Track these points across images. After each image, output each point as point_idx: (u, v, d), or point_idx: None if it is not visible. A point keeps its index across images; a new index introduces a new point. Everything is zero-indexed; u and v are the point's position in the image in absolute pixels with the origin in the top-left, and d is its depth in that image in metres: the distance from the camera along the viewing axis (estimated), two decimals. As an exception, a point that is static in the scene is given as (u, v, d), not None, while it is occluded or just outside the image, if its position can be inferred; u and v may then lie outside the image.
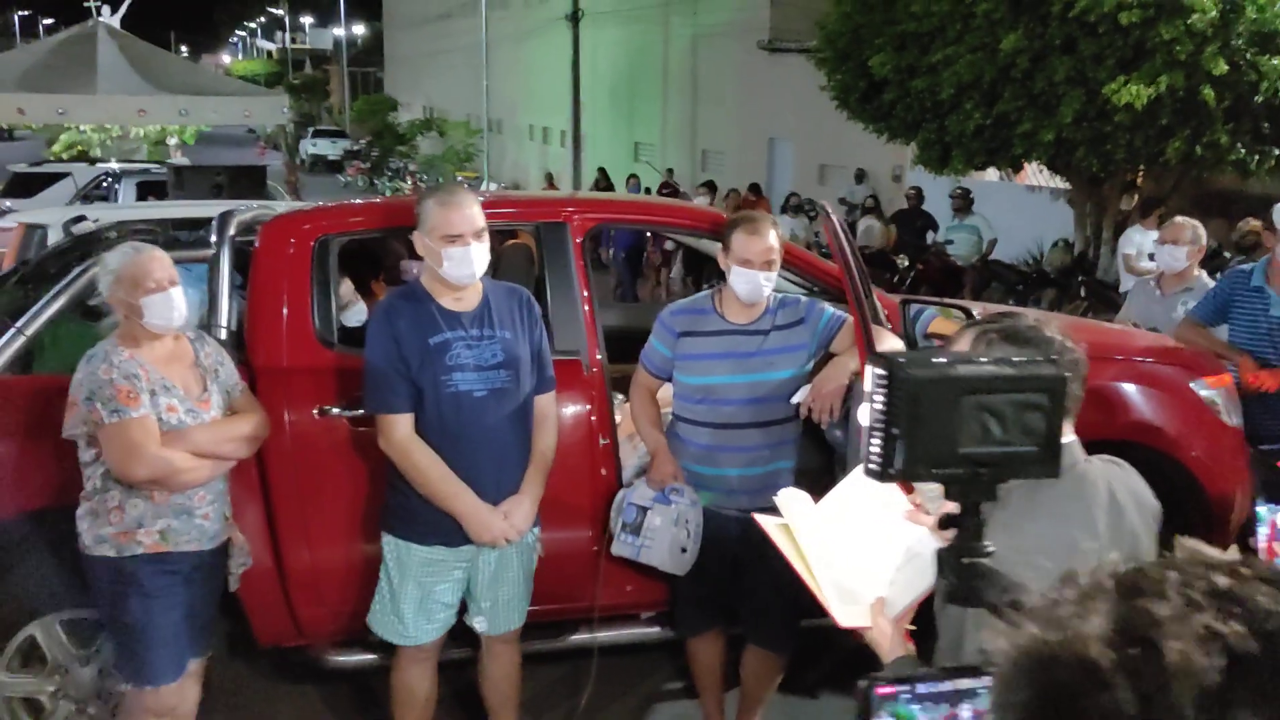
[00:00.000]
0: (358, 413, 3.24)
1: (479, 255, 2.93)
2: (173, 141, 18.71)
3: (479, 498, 2.97)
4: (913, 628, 1.81)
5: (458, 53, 33.59)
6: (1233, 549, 0.78)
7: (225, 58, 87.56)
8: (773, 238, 3.18)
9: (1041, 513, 1.50)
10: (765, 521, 1.95)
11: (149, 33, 15.46)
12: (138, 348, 2.81)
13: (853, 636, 1.83)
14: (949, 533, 1.34)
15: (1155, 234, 7.07)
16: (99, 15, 13.06)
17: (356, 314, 4.23)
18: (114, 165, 13.54)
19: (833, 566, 1.81)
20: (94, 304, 3.03)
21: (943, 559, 1.35)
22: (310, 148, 35.72)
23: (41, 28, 60.47)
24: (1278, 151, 8.62)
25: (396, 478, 3.02)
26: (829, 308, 3.35)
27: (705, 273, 10.96)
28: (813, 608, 2.91)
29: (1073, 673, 0.67)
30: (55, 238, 6.92)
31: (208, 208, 6.19)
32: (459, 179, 21.30)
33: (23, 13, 71.10)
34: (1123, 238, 8.55)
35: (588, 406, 3.52)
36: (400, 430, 2.94)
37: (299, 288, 3.44)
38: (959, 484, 1.27)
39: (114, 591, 2.83)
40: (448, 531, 2.99)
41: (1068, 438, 1.61)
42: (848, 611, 1.75)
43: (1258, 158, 8.63)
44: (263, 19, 76.30)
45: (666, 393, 3.44)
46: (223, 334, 3.38)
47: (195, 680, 3.04)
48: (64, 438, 2.82)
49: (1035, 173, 12.20)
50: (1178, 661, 0.64)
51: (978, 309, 3.71)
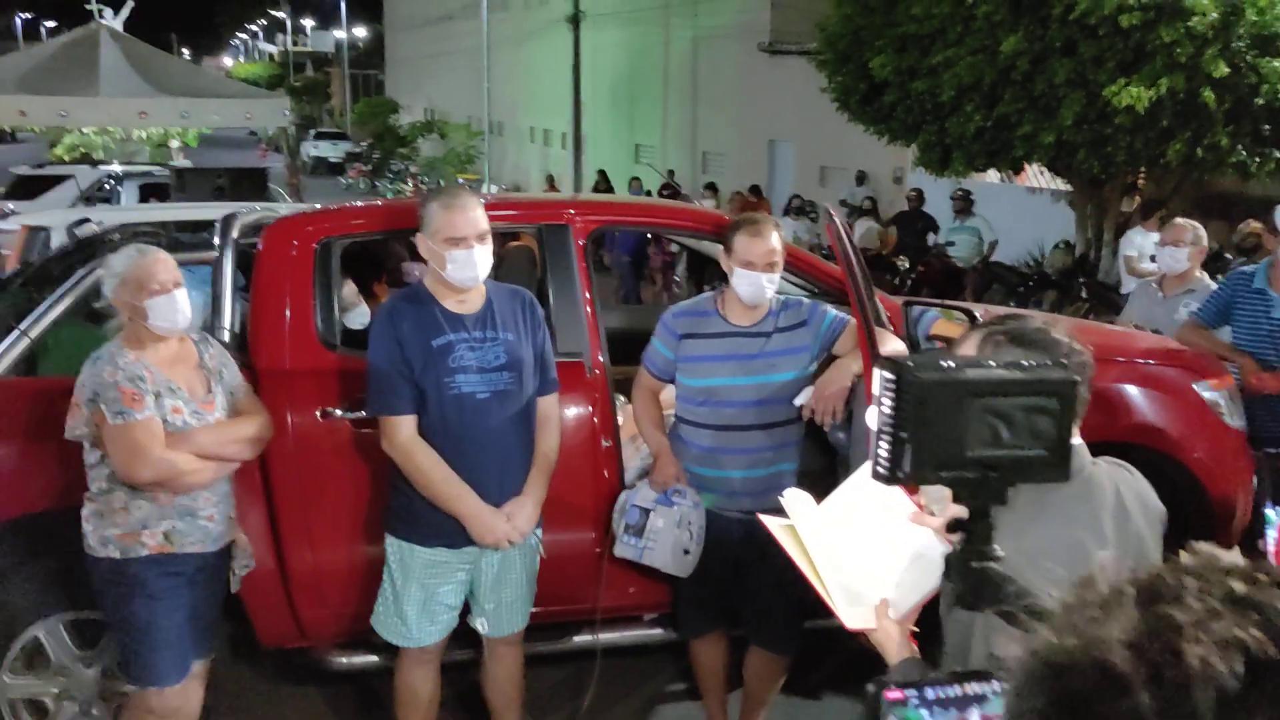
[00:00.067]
0: (360, 415, 3.24)
1: (482, 258, 2.93)
2: (174, 144, 18.72)
3: (482, 499, 2.97)
4: (916, 629, 1.81)
5: (459, 55, 33.58)
6: (1235, 551, 0.78)
7: (226, 60, 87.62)
8: (775, 239, 3.18)
9: (1049, 516, 1.50)
10: (770, 522, 1.95)
11: (150, 35, 15.48)
12: (142, 350, 2.81)
13: (857, 638, 1.83)
14: (954, 535, 1.33)
15: (1156, 236, 7.07)
16: (101, 18, 13.07)
17: (359, 316, 4.24)
18: (116, 167, 13.55)
19: (839, 568, 1.81)
20: (99, 307, 3.03)
21: (951, 563, 1.34)
22: (311, 150, 35.68)
23: (44, 30, 60.45)
24: (1278, 154, 8.61)
25: (399, 479, 3.02)
26: (831, 310, 3.35)
27: (707, 274, 10.94)
28: (815, 609, 2.91)
29: (1091, 679, 0.66)
30: (58, 240, 6.93)
31: (210, 210, 6.20)
32: (460, 181, 21.29)
33: (25, 15, 71.23)
34: (1124, 240, 8.56)
35: (590, 408, 3.52)
36: (403, 432, 2.95)
37: (302, 290, 3.44)
38: (968, 487, 1.26)
39: (118, 593, 2.83)
40: (451, 533, 2.99)
41: (1074, 440, 1.61)
42: (854, 613, 1.75)
43: (1258, 160, 8.62)
44: (264, 21, 76.36)
45: (669, 394, 3.44)
46: (226, 336, 3.38)
47: (199, 682, 3.04)
48: (67, 439, 2.83)
49: (1036, 174, 12.19)
50: (1198, 668, 0.63)
51: (980, 311, 3.71)
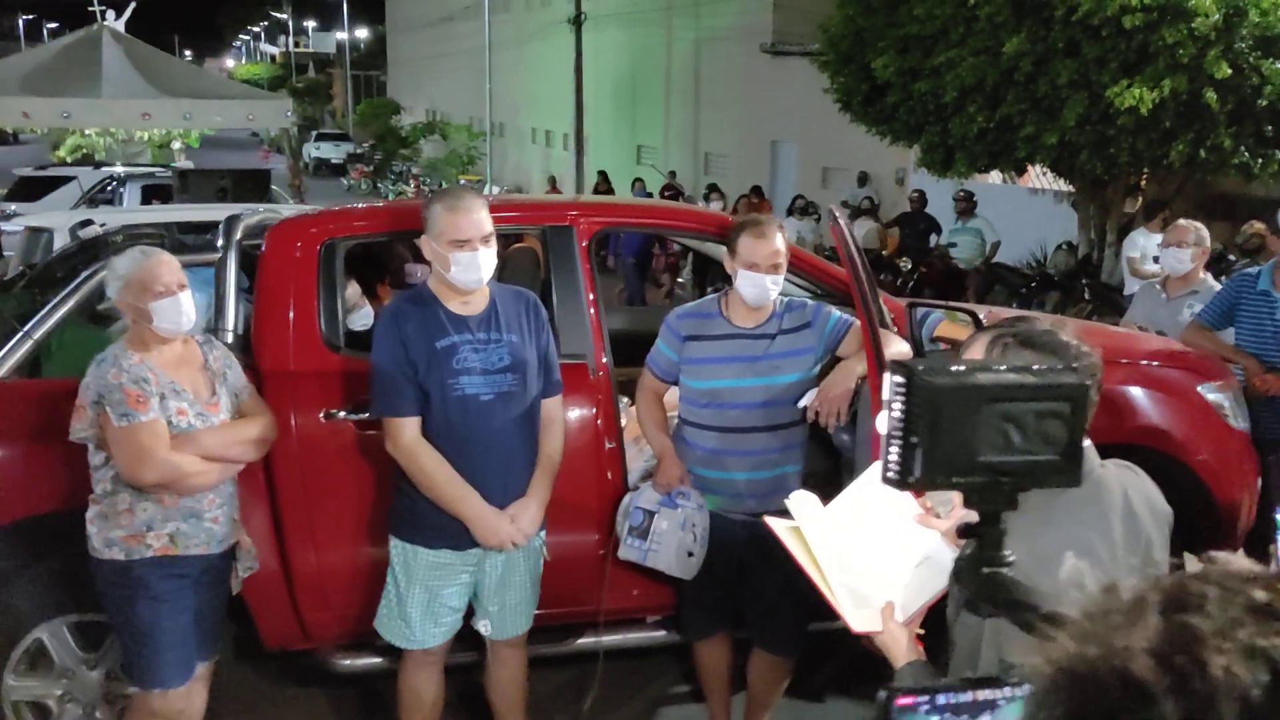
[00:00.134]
0: (364, 416, 3.24)
1: (486, 260, 2.93)
2: (177, 145, 18.72)
3: (486, 501, 2.96)
4: (922, 632, 1.80)
5: (460, 56, 33.60)
6: (1239, 554, 0.77)
7: (228, 61, 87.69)
8: (779, 241, 3.18)
9: (1058, 519, 1.49)
10: (776, 525, 1.95)
11: (153, 37, 15.48)
12: (147, 352, 2.81)
13: (861, 641, 1.83)
14: (965, 540, 1.32)
15: (1159, 237, 7.06)
16: (103, 19, 13.05)
17: (363, 317, 4.23)
18: (119, 169, 13.54)
19: (845, 570, 1.81)
20: (103, 310, 3.03)
21: (962, 568, 1.33)
22: (313, 151, 35.72)
23: (46, 31, 60.51)
24: (1281, 154, 8.62)
25: (403, 481, 3.02)
26: (835, 311, 3.34)
27: (710, 276, 10.92)
28: (820, 611, 2.90)
29: (1114, 689, 0.65)
30: (61, 241, 6.94)
31: (214, 211, 6.20)
32: (462, 182, 21.30)
33: (27, 16, 71.31)
34: (1126, 241, 8.55)
35: (594, 410, 3.52)
36: (407, 434, 2.94)
37: (305, 291, 3.44)
38: (979, 493, 1.25)
39: (122, 595, 2.83)
40: (455, 535, 2.99)
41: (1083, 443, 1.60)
42: (860, 616, 1.74)
43: (1261, 161, 8.63)
44: (266, 23, 76.37)
45: (673, 396, 3.44)
46: (229, 338, 3.38)
47: (203, 684, 3.04)
48: (71, 441, 2.83)
49: (1038, 175, 12.19)
50: (1223, 678, 0.62)
51: (984, 313, 3.71)
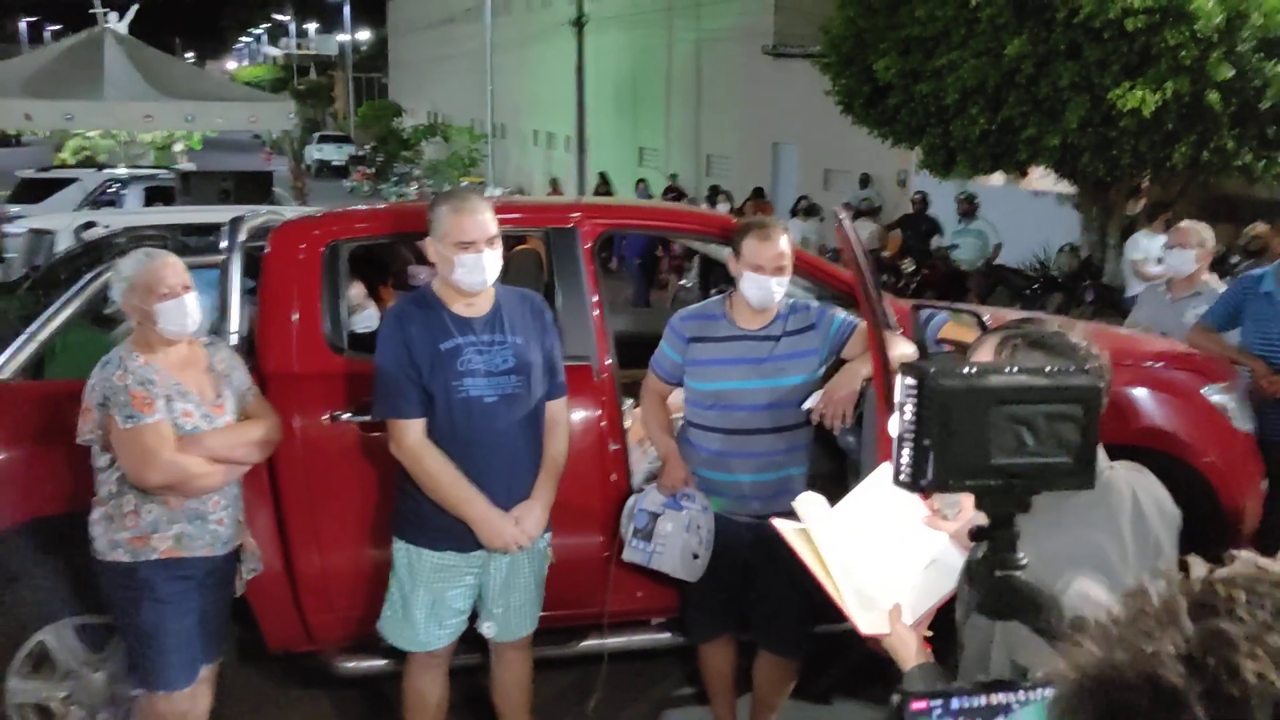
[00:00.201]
0: (368, 418, 3.24)
1: (491, 262, 2.93)
2: (178, 147, 18.74)
3: (490, 503, 2.96)
4: (929, 634, 1.80)
5: (462, 58, 33.61)
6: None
7: (230, 64, 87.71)
8: (784, 243, 3.18)
9: (1066, 521, 1.49)
10: (783, 527, 1.94)
11: (155, 38, 15.47)
12: (152, 354, 2.81)
13: (868, 643, 1.82)
14: (978, 543, 1.31)
15: (1162, 239, 7.05)
16: (105, 21, 13.04)
17: (366, 319, 4.23)
18: (121, 171, 13.55)
19: (853, 572, 1.80)
20: (110, 313, 3.03)
21: (975, 571, 1.33)
22: (315, 153, 35.73)
23: (48, 34, 60.57)
24: (1284, 156, 8.62)
25: (407, 483, 3.01)
26: (840, 313, 3.34)
27: (714, 278, 10.90)
28: (825, 613, 2.89)
29: (1143, 695, 0.64)
30: (64, 243, 6.95)
31: (217, 213, 6.20)
32: (464, 184, 21.31)
33: (29, 19, 71.37)
34: (1129, 243, 8.54)
35: (598, 412, 3.52)
36: (411, 435, 2.94)
37: (309, 293, 3.44)
38: (992, 496, 1.25)
39: (127, 597, 2.83)
40: (459, 537, 2.99)
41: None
42: (868, 618, 1.74)
43: (1264, 163, 8.63)
44: (268, 25, 76.45)
45: (678, 398, 3.43)
46: (233, 339, 3.38)
47: (207, 686, 3.04)
48: (78, 443, 2.82)
49: (1040, 177, 12.18)
50: (1255, 683, 0.62)
51: (989, 314, 3.71)
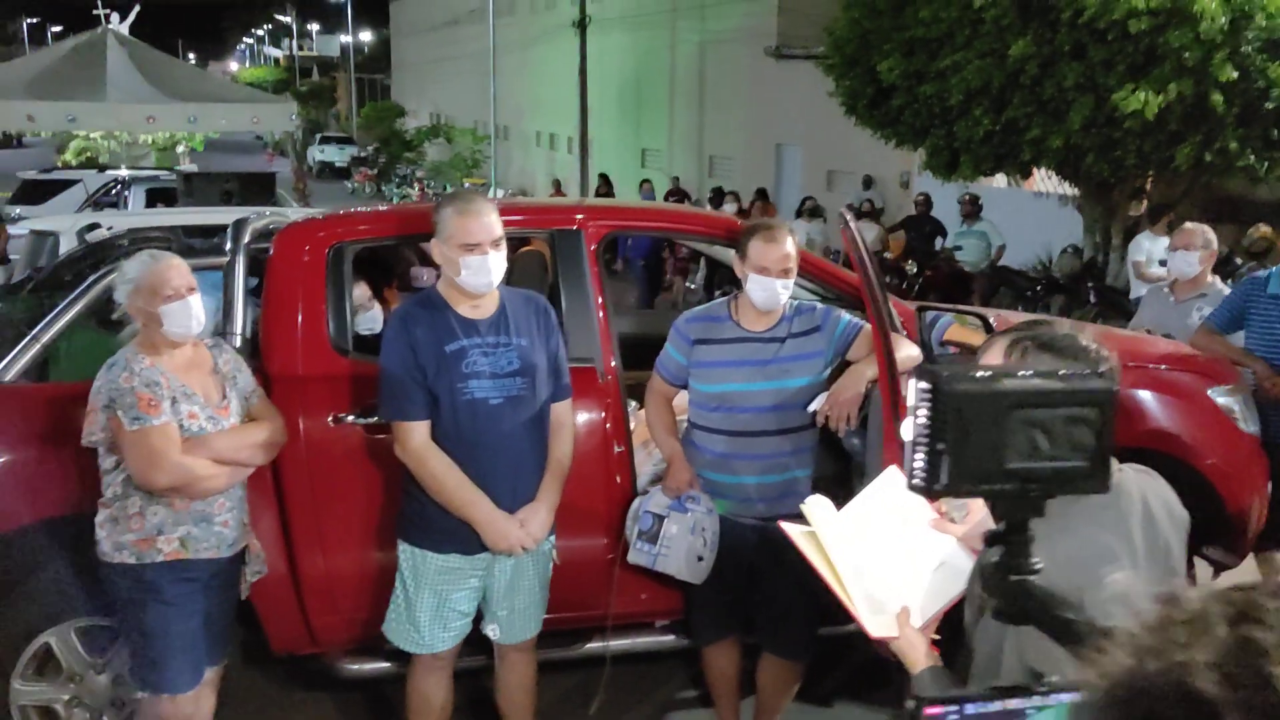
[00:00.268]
0: (373, 420, 3.24)
1: (496, 264, 2.92)
2: (181, 148, 18.74)
3: (495, 505, 2.96)
4: (937, 637, 1.79)
5: (465, 59, 33.61)
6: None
7: (232, 65, 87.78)
8: (790, 245, 3.17)
9: (1076, 524, 1.48)
10: (791, 530, 1.94)
11: (157, 40, 15.48)
12: (158, 355, 2.81)
13: (875, 646, 1.82)
14: (992, 548, 1.31)
15: (1165, 240, 7.04)
16: (108, 23, 13.06)
17: (369, 320, 4.22)
18: (123, 172, 13.56)
19: (862, 575, 1.80)
20: (116, 317, 3.02)
21: (989, 576, 1.32)
22: (317, 154, 35.76)
23: (50, 35, 60.64)
24: (1288, 157, 8.61)
25: (412, 485, 3.01)
26: (845, 315, 3.33)
27: (718, 279, 10.90)
28: (830, 615, 2.88)
29: (1175, 704, 0.64)
30: (67, 245, 6.94)
31: (221, 214, 6.20)
32: (466, 185, 21.31)
33: (31, 20, 71.45)
34: (1132, 244, 8.54)
35: (602, 414, 3.51)
36: (416, 438, 2.94)
37: (314, 295, 3.44)
38: (1006, 500, 1.24)
39: (132, 599, 2.82)
40: (464, 539, 2.98)
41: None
42: (877, 621, 1.73)
43: (1267, 164, 8.62)
44: (270, 26, 76.49)
45: (683, 400, 3.43)
46: (237, 341, 3.37)
47: (211, 688, 3.04)
48: (83, 445, 2.82)
49: (1043, 179, 12.17)
50: None
51: (994, 316, 3.70)
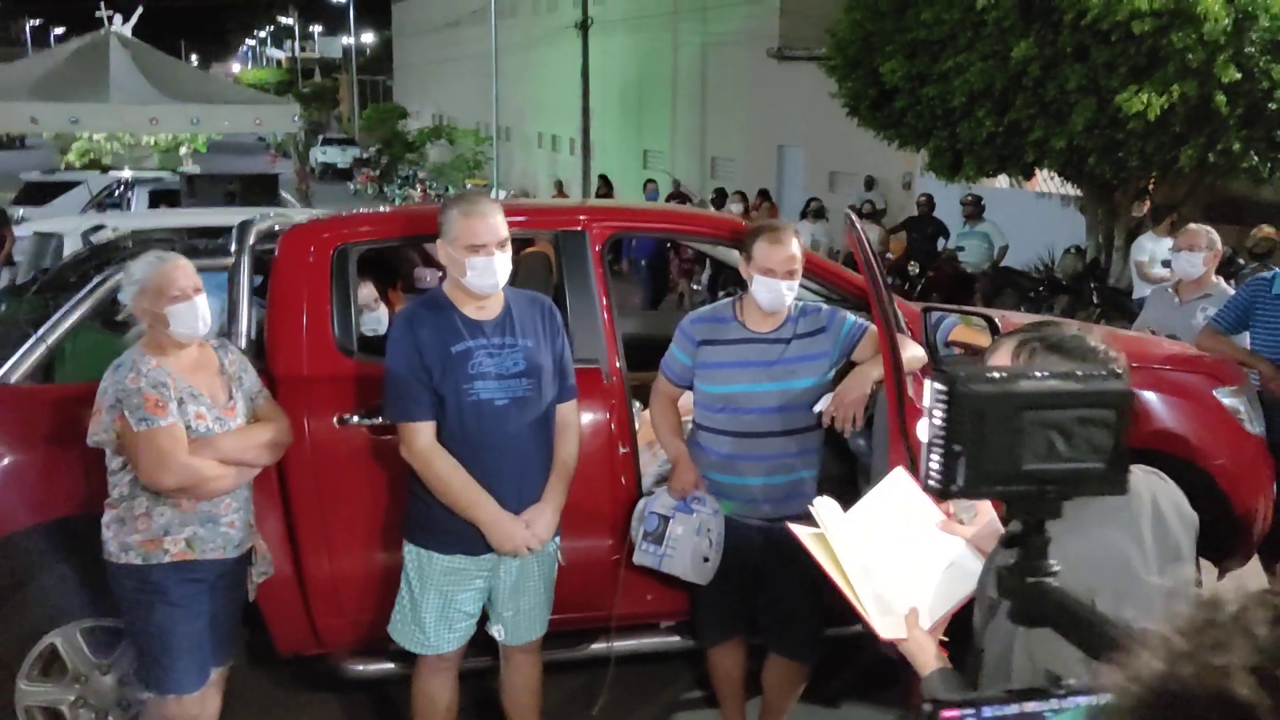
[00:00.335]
0: (378, 421, 3.24)
1: (502, 265, 2.93)
2: (184, 150, 18.75)
3: (500, 506, 2.96)
4: (945, 639, 1.79)
5: (467, 61, 33.63)
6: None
7: (235, 66, 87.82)
8: (795, 246, 3.17)
9: (1087, 525, 1.48)
10: (800, 531, 1.93)
11: (159, 41, 15.47)
12: (164, 356, 2.81)
13: (882, 647, 1.81)
14: (1008, 550, 1.30)
15: (1167, 241, 7.05)
16: (110, 24, 13.06)
17: (374, 321, 4.22)
18: (127, 173, 13.57)
19: (871, 576, 1.79)
20: (121, 318, 3.03)
21: (1005, 578, 1.31)
22: (320, 155, 35.76)
23: (53, 36, 60.73)
24: (1291, 158, 8.60)
25: (418, 486, 3.01)
26: (850, 316, 3.33)
27: (722, 280, 10.88)
28: (836, 616, 2.88)
29: (1211, 709, 0.63)
30: (71, 246, 6.94)
31: (225, 215, 6.20)
32: (468, 186, 21.33)
33: (34, 21, 71.54)
34: (1135, 245, 8.54)
35: (607, 415, 3.51)
36: (422, 439, 2.94)
37: (319, 296, 3.44)
38: (1023, 502, 1.24)
39: (138, 599, 2.82)
40: (469, 540, 2.98)
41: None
42: (886, 622, 1.73)
43: (1270, 165, 8.61)
44: (272, 28, 76.56)
45: (688, 401, 3.43)
46: (242, 342, 3.38)
47: (217, 689, 3.03)
48: (89, 445, 2.82)
49: (1046, 180, 12.17)
50: None
51: (998, 317, 3.70)
